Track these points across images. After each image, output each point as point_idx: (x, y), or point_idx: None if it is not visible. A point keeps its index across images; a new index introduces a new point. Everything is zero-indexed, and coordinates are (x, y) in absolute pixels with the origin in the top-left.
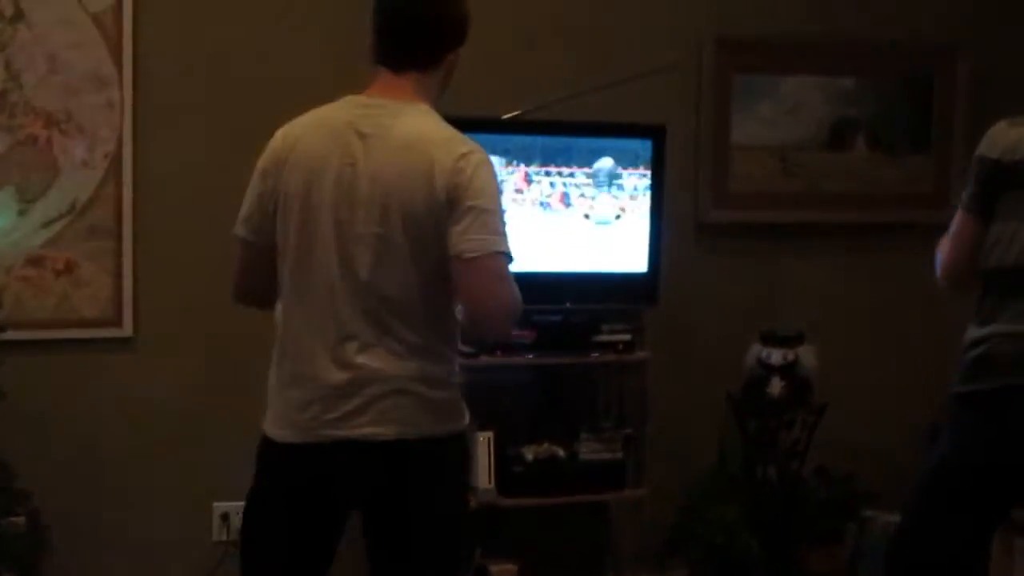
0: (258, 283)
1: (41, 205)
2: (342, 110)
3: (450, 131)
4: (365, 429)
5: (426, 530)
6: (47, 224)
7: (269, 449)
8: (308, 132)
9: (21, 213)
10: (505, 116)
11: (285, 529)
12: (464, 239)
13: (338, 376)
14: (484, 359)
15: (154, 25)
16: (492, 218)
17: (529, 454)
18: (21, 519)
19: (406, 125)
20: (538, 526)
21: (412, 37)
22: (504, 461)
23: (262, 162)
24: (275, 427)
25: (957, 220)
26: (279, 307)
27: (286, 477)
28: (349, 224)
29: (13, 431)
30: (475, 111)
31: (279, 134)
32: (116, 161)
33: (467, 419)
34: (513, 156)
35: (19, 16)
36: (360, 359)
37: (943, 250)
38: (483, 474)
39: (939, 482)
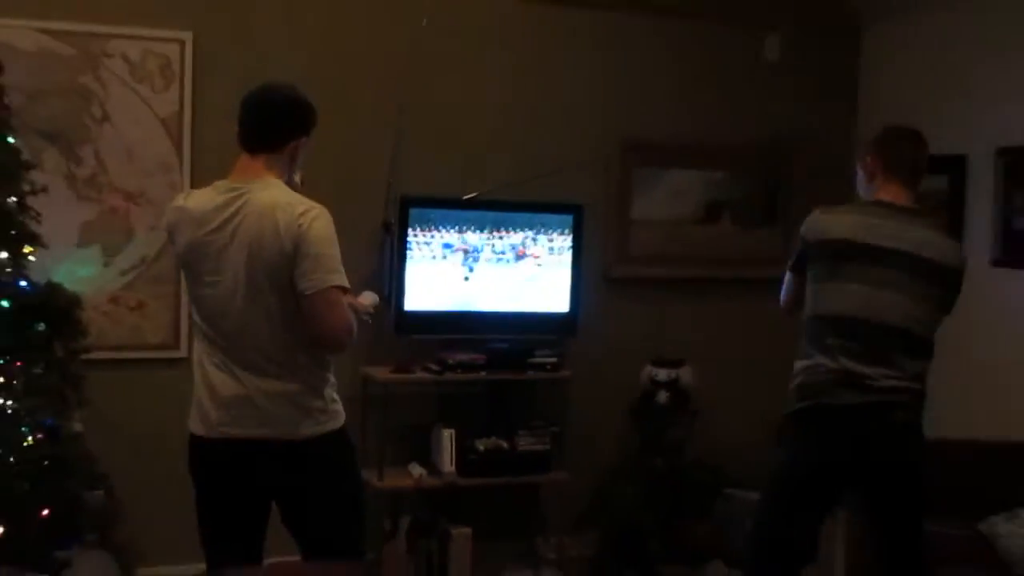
0: None
1: (119, 259)
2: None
3: (294, 197)
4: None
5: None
6: (124, 273)
7: None
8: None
9: (105, 265)
10: (465, 197)
11: None
12: (304, 279)
13: None
14: (448, 375)
15: (205, 127)
16: (326, 260)
17: (481, 446)
18: (100, 493)
19: (259, 198)
20: (488, 500)
21: (261, 124)
22: (463, 451)
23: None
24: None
25: (787, 275)
26: None
27: None
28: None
29: (95, 428)
30: (441, 193)
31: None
32: None
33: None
34: (471, 225)
35: (106, 118)
36: None
37: (783, 292)
38: (447, 461)
39: (780, 480)
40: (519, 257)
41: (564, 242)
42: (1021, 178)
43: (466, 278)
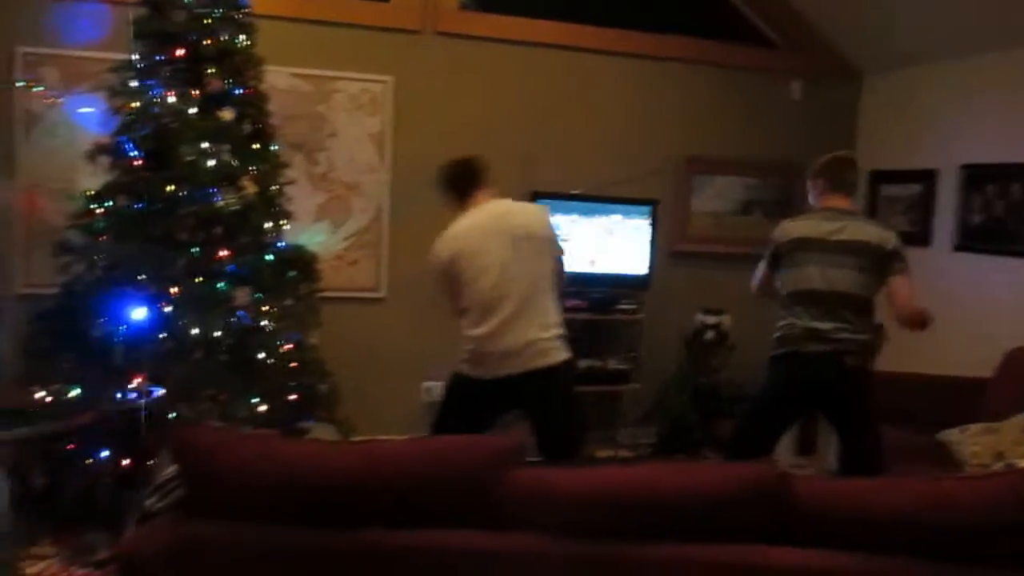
0: None
1: (342, 230)
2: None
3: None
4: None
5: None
6: (345, 239)
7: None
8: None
9: (332, 233)
10: (572, 192)
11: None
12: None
13: None
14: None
15: (400, 141)
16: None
17: (583, 364)
18: (326, 386)
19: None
20: (585, 402)
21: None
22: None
23: None
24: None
25: (761, 267)
26: None
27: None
28: None
29: (325, 341)
30: (555, 189)
31: None
32: (380, 210)
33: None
34: (577, 212)
35: (334, 134)
36: None
37: (755, 279)
38: None
39: (760, 399)
40: (611, 234)
41: (643, 225)
42: (976, 186)
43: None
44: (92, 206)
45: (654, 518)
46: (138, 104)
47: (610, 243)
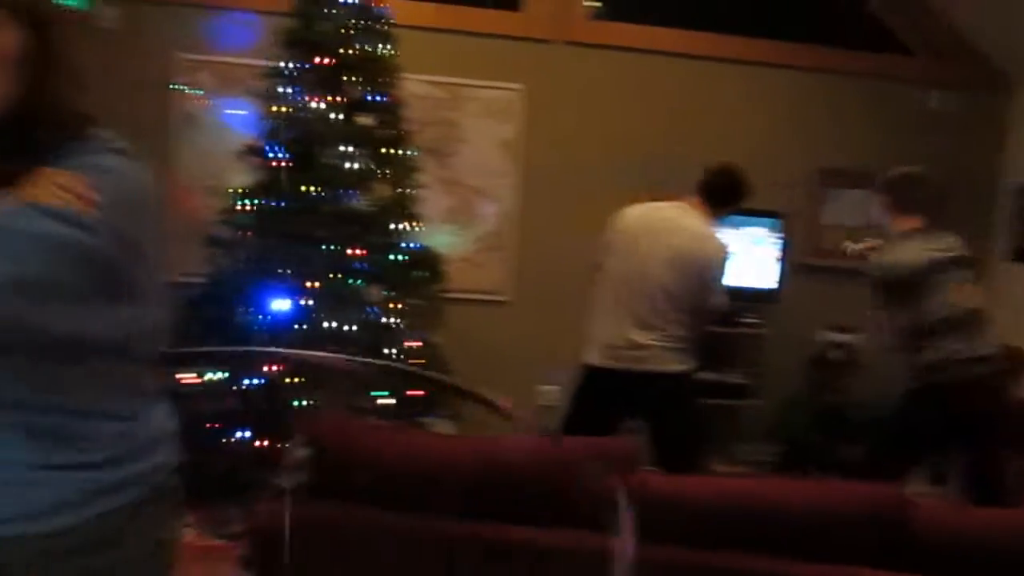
0: None
1: (469, 233)
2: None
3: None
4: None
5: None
6: (473, 242)
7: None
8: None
9: (460, 236)
10: None
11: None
12: None
13: None
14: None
15: (530, 147)
16: None
17: (703, 376)
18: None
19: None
20: (710, 414)
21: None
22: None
23: None
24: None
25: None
26: None
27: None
28: None
29: (449, 341)
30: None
31: None
32: (508, 214)
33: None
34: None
35: (465, 140)
36: None
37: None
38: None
39: (901, 427)
40: (737, 246)
41: (771, 237)
42: None
43: None
44: (239, 203)
45: (769, 531)
46: (284, 109)
47: (734, 255)
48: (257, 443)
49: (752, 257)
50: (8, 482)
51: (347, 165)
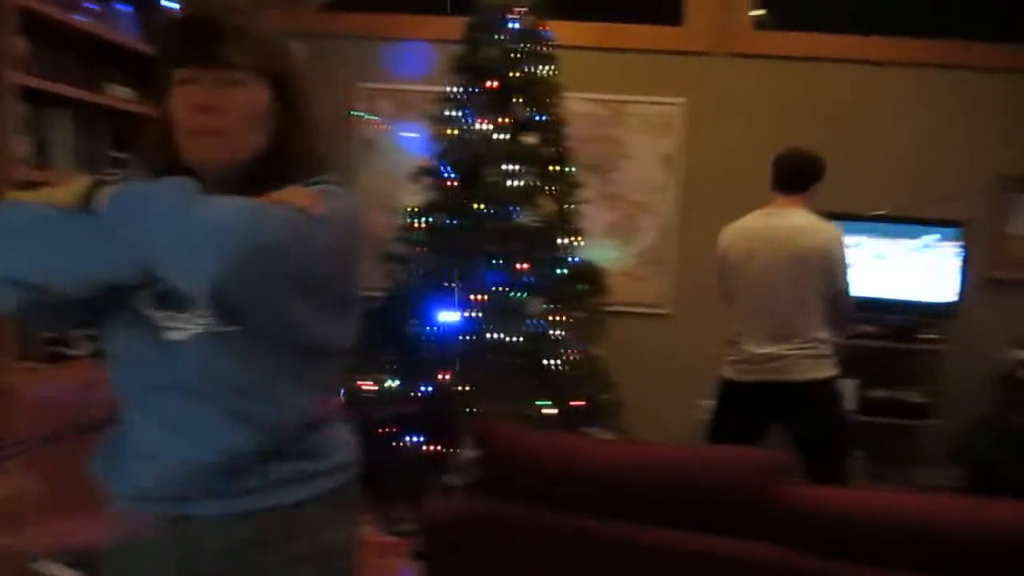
0: None
1: (630, 247)
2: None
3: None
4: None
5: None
6: (633, 256)
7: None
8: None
9: (621, 250)
10: (874, 212)
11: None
12: None
13: None
14: (860, 341)
15: (691, 161)
16: None
17: (876, 393)
18: (609, 396)
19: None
20: (878, 434)
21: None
22: (862, 396)
23: None
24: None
25: None
26: None
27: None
28: None
29: (610, 353)
30: (850, 209)
31: None
32: (667, 228)
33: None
34: (877, 234)
35: (626, 155)
36: None
37: None
38: (850, 402)
39: None
40: (912, 257)
41: (950, 249)
42: None
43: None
44: (413, 221)
45: (925, 548)
46: (454, 131)
47: (911, 267)
48: (427, 447)
49: (929, 269)
50: (212, 465)
51: (512, 183)
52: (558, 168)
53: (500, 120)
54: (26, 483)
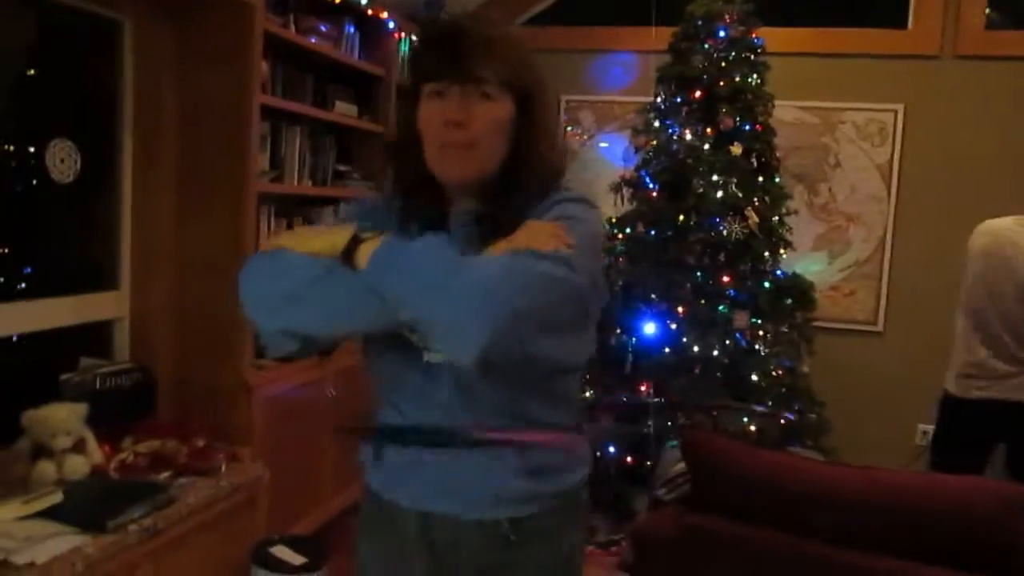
0: None
1: (839, 261)
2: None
3: None
4: None
5: None
6: (841, 270)
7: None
8: None
9: (829, 264)
10: None
11: None
12: None
13: None
14: None
15: (910, 170)
16: None
17: None
18: (815, 415)
19: None
20: None
21: None
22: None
23: None
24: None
25: None
26: None
27: None
28: None
29: (817, 370)
30: None
31: None
32: (882, 242)
33: None
34: None
35: (838, 164)
36: None
37: None
38: None
39: None
40: None
41: None
42: None
43: None
44: (614, 231)
45: None
46: (657, 141)
47: None
48: (625, 459)
49: None
50: (472, 477)
51: (717, 194)
52: (764, 179)
53: (705, 130)
54: (260, 472)
